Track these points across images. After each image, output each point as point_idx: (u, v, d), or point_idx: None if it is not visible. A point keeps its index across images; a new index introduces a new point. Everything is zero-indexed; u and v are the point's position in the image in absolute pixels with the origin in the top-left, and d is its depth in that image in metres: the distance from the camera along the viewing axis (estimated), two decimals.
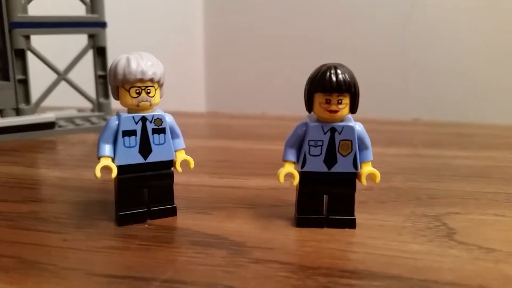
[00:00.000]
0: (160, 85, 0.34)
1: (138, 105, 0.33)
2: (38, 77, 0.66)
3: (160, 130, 0.35)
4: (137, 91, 0.33)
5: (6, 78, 0.63)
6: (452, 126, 0.74)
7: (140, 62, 0.32)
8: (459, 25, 1.02)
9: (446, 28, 1.03)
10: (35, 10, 0.64)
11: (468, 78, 1.04)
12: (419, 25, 1.05)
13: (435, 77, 1.06)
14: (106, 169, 0.33)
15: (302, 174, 0.34)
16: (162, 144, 0.35)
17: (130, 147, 0.34)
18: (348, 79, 0.32)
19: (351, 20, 1.10)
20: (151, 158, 0.35)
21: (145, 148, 0.34)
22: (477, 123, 0.76)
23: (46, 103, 0.66)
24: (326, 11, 1.12)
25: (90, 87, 0.69)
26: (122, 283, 0.27)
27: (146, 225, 0.35)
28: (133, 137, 0.34)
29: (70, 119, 0.68)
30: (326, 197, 0.35)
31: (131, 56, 0.33)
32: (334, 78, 0.31)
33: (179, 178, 0.37)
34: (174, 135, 0.36)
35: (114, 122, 0.34)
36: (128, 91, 0.33)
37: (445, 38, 1.04)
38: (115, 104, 0.68)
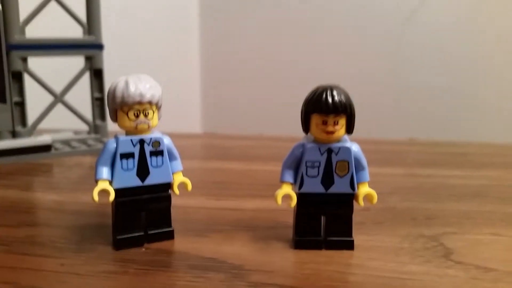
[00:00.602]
0: (158, 107, 0.34)
1: (136, 128, 0.33)
2: (35, 99, 0.67)
3: (158, 153, 0.35)
4: (136, 114, 0.33)
5: (3, 101, 0.63)
6: (446, 145, 0.75)
7: (139, 85, 0.33)
8: (451, 44, 1.04)
9: (437, 48, 1.05)
10: (32, 31, 0.64)
11: (461, 97, 1.05)
12: (410, 45, 1.07)
13: (427, 97, 1.07)
14: (104, 192, 0.33)
15: (300, 196, 0.34)
16: (160, 166, 0.35)
17: (128, 169, 0.34)
18: (344, 101, 0.32)
19: (344, 43, 1.12)
20: (149, 181, 0.35)
21: (143, 171, 0.35)
22: (471, 142, 0.76)
23: (42, 125, 0.67)
24: (319, 35, 1.13)
25: (86, 109, 0.69)
26: None
27: (144, 249, 0.35)
28: (131, 160, 0.34)
29: (66, 142, 0.68)
30: (324, 219, 0.35)
31: (130, 78, 0.33)
32: (330, 100, 0.32)
33: (176, 200, 0.37)
34: (171, 157, 0.36)
35: (112, 144, 0.34)
36: (127, 113, 0.33)
37: (437, 58, 1.05)
38: (111, 126, 0.68)
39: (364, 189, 0.34)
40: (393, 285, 0.30)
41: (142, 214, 0.36)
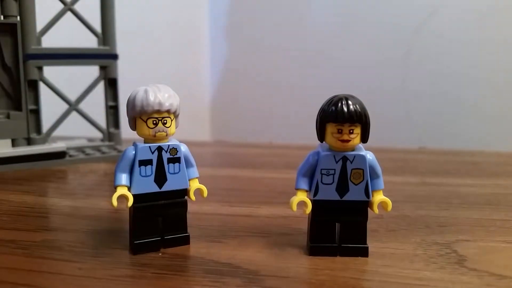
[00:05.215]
0: (176, 116, 0.35)
1: (155, 135, 0.34)
2: (49, 107, 0.68)
3: (175, 160, 0.36)
4: (154, 122, 0.34)
5: (19, 108, 0.64)
6: (457, 154, 0.75)
7: (158, 94, 0.33)
8: (461, 54, 1.04)
9: (447, 58, 1.05)
10: (48, 41, 0.66)
11: (471, 106, 1.05)
12: (420, 54, 1.07)
13: (437, 106, 1.08)
14: (122, 198, 0.34)
15: (315, 202, 0.35)
16: (177, 173, 0.36)
17: (146, 176, 0.35)
18: (359, 110, 0.33)
19: (354, 53, 1.12)
20: (166, 187, 0.36)
21: (160, 177, 0.35)
22: (482, 151, 0.76)
23: (57, 132, 0.68)
24: (329, 46, 1.14)
25: (100, 117, 0.70)
26: None
27: (160, 254, 0.36)
28: (149, 167, 0.35)
29: (80, 149, 0.69)
30: (339, 226, 0.36)
31: (149, 88, 0.34)
32: (345, 109, 0.32)
33: (191, 206, 0.38)
34: (188, 164, 0.36)
35: (131, 152, 0.35)
36: (146, 121, 0.34)
37: (447, 67, 1.06)
38: (125, 134, 0.69)
39: (378, 197, 0.35)
40: None
41: (159, 220, 0.36)
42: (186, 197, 0.37)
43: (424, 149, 0.80)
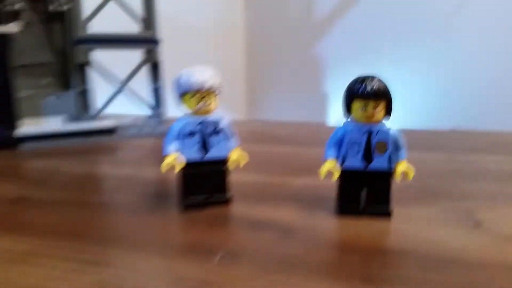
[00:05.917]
0: (217, 94, 0.40)
1: (199, 111, 0.39)
2: (99, 87, 0.74)
3: (217, 132, 0.40)
4: (198, 99, 0.38)
5: (69, 89, 0.70)
6: (488, 134, 0.76)
7: (201, 75, 0.38)
8: (494, 35, 1.04)
9: (482, 39, 1.05)
10: (97, 26, 0.71)
11: (505, 88, 1.05)
12: (455, 37, 1.08)
13: (471, 89, 1.08)
14: (171, 165, 0.39)
15: (342, 171, 0.39)
16: (219, 143, 0.40)
17: (191, 146, 0.40)
18: (383, 87, 0.36)
19: (390, 32, 1.13)
20: (209, 156, 0.40)
21: (204, 147, 0.40)
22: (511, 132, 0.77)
23: (106, 111, 0.73)
24: (365, 25, 1.16)
25: (145, 97, 0.76)
26: (193, 251, 0.33)
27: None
28: (194, 138, 0.40)
29: (128, 126, 0.74)
30: (364, 192, 0.39)
31: (194, 69, 0.39)
32: (370, 86, 0.36)
33: (231, 176, 0.42)
34: (228, 135, 0.41)
35: (178, 125, 0.40)
36: (191, 99, 0.39)
37: (482, 49, 1.05)
38: (168, 112, 0.74)
39: (401, 166, 0.38)
40: (426, 248, 0.33)
41: (204, 183, 0.41)
42: (227, 164, 0.42)
43: (455, 130, 0.81)
